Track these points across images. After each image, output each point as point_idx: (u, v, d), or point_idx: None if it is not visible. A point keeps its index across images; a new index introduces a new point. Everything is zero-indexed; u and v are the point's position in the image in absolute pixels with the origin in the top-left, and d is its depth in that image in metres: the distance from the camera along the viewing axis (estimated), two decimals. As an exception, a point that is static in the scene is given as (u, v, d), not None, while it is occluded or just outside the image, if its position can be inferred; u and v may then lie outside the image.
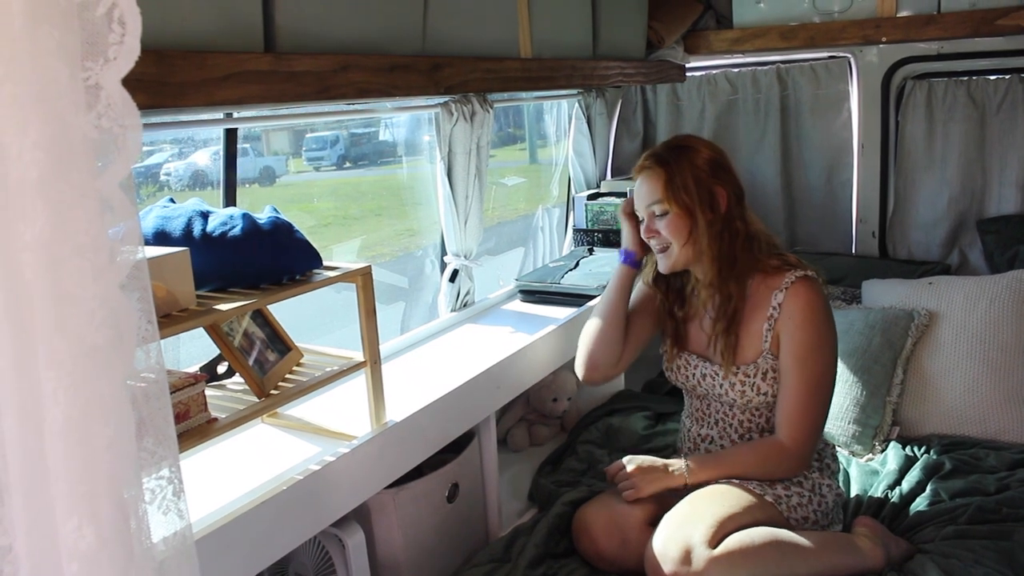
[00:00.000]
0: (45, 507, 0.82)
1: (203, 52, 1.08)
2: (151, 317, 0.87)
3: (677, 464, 1.85)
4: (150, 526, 0.89)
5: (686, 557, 1.58)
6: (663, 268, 1.90)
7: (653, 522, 1.76)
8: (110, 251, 0.82)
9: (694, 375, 1.94)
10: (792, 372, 1.81)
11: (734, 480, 1.79)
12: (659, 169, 1.84)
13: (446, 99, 2.22)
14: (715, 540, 1.60)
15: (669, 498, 1.79)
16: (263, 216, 1.53)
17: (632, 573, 1.76)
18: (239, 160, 2.12)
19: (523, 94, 2.78)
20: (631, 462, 1.87)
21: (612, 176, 3.34)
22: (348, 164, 3.59)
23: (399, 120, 3.12)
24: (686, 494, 1.78)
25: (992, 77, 2.94)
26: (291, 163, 3.34)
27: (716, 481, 1.80)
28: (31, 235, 0.79)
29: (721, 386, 1.88)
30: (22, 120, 0.78)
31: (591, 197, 3.07)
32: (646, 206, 1.87)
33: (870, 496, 2.07)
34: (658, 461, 1.87)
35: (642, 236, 1.90)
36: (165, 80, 1.02)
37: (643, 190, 1.87)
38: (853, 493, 2.10)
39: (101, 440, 0.81)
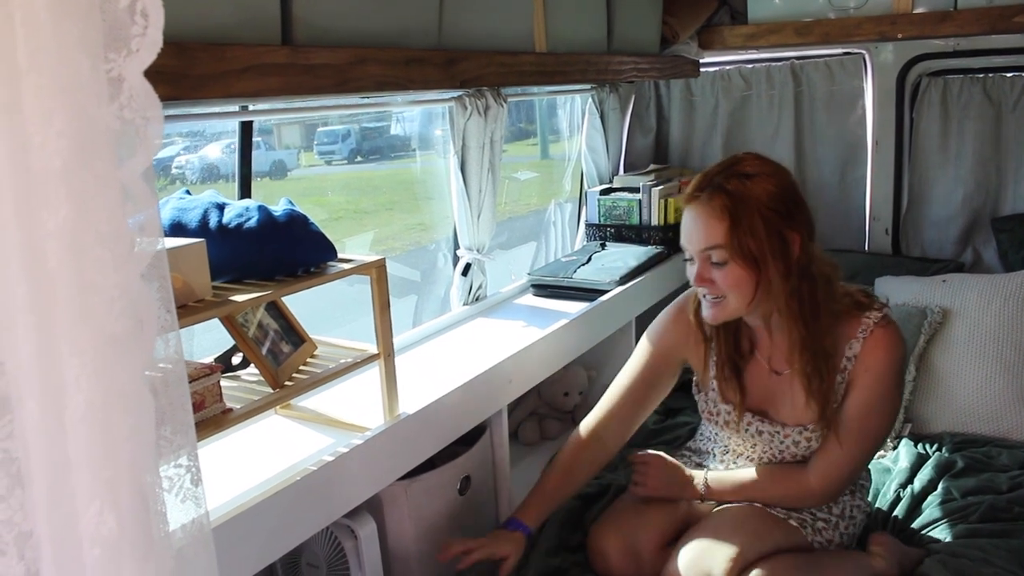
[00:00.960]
0: (66, 493, 0.83)
1: (222, 45, 1.09)
2: (170, 306, 0.88)
3: (697, 478, 1.81)
4: (169, 513, 0.90)
5: None
6: (711, 318, 1.67)
7: (668, 544, 1.75)
8: (131, 240, 0.83)
9: (747, 431, 1.78)
10: (850, 423, 1.67)
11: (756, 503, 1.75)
12: (720, 207, 1.57)
13: (460, 93, 2.22)
14: (735, 574, 1.58)
15: (686, 519, 1.79)
16: (278, 208, 1.54)
17: None
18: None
19: (537, 88, 2.78)
20: (654, 463, 1.83)
21: (625, 171, 3.34)
22: (359, 158, 3.61)
23: (411, 115, 3.13)
24: (696, 514, 1.78)
25: (1008, 75, 2.93)
26: (302, 157, 3.36)
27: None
28: (54, 223, 0.80)
29: (783, 442, 1.74)
30: (46, 111, 0.79)
31: (604, 192, 3.07)
32: (700, 249, 1.60)
33: (882, 496, 2.07)
34: (681, 469, 1.83)
35: (690, 279, 1.66)
36: (185, 72, 1.03)
37: (698, 229, 1.60)
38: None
39: (122, 428, 0.82)
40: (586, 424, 1.87)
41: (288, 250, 1.49)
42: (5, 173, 0.82)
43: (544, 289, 2.69)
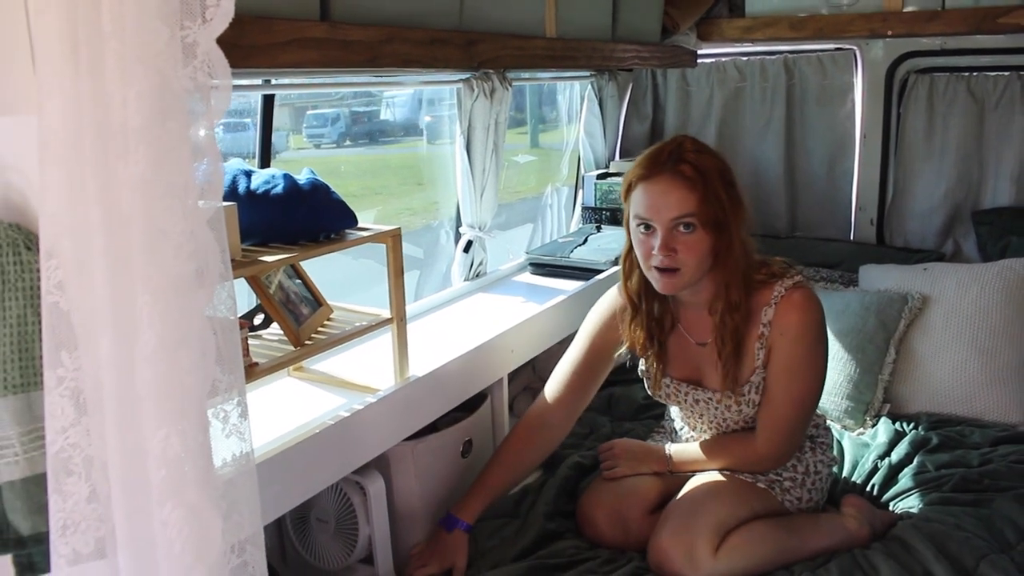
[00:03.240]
0: (134, 420, 0.92)
1: (269, 18, 1.18)
2: (226, 258, 0.96)
3: (660, 452, 1.95)
4: (221, 445, 0.98)
5: (689, 559, 1.68)
6: (665, 289, 1.72)
7: (654, 510, 1.87)
8: (198, 193, 0.92)
9: (685, 400, 1.91)
10: (779, 385, 1.78)
11: (727, 471, 1.87)
12: (691, 177, 1.63)
13: (468, 75, 2.31)
14: (716, 542, 1.70)
15: (669, 488, 1.90)
16: (302, 177, 1.63)
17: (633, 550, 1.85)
18: (240, 135, 2.21)
19: (542, 73, 2.87)
20: (618, 444, 1.99)
21: (620, 157, 3.44)
22: (348, 142, 3.64)
23: (401, 100, 3.20)
24: (678, 483, 1.89)
25: (992, 74, 3.03)
26: (291, 140, 3.40)
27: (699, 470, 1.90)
28: (128, 175, 0.89)
29: (716, 408, 1.86)
30: (127, 73, 0.87)
31: (600, 176, 3.16)
32: (672, 218, 1.64)
33: (860, 467, 2.18)
34: (643, 447, 1.98)
35: (645, 250, 1.70)
36: (236, 42, 1.10)
37: (668, 200, 1.64)
38: (845, 464, 2.21)
39: (187, 363, 0.91)
40: (531, 415, 1.96)
41: (312, 216, 1.57)
42: (86, 129, 0.90)
43: (542, 267, 2.78)
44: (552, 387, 1.97)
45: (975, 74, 3.05)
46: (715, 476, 1.86)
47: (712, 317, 1.79)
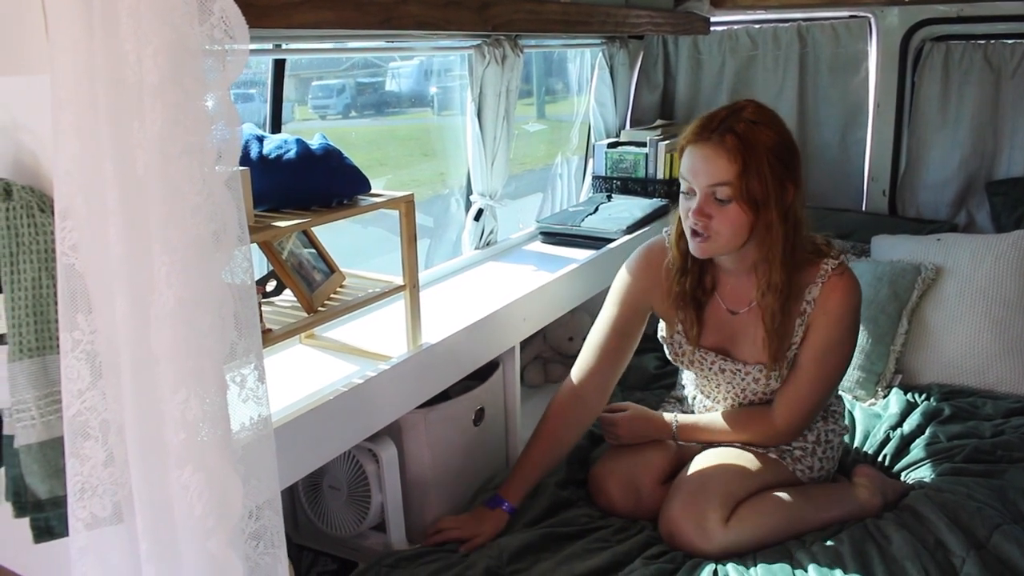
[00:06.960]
0: (150, 382, 0.91)
1: (284, -23, 1.16)
2: (243, 221, 0.95)
3: (667, 420, 1.92)
4: (238, 409, 0.98)
5: (701, 530, 1.68)
6: (699, 253, 1.72)
7: (666, 480, 1.86)
8: (215, 153, 0.90)
9: (711, 369, 1.88)
10: (808, 363, 1.78)
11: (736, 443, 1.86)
12: (733, 148, 1.61)
13: (479, 41, 2.28)
14: (727, 512, 1.70)
15: (682, 456, 1.89)
16: (315, 142, 1.61)
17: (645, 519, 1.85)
18: (245, 106, 2.18)
19: (553, 40, 2.84)
20: (620, 420, 1.94)
21: (631, 126, 3.41)
22: (354, 113, 3.63)
23: (406, 71, 3.18)
24: (690, 452, 1.88)
25: (1009, 41, 2.98)
26: (297, 111, 3.38)
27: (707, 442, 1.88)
28: (143, 134, 0.87)
29: (744, 379, 1.84)
30: (143, 29, 0.85)
31: (611, 145, 3.14)
32: (706, 184, 1.64)
33: (872, 437, 2.17)
34: (649, 415, 1.95)
35: (684, 211, 1.71)
36: (251, 1, 1.08)
37: (707, 166, 1.64)
38: (857, 434, 2.20)
39: (205, 324, 0.90)
40: (566, 387, 1.93)
41: (325, 181, 1.56)
42: (100, 87, 0.89)
43: (552, 236, 2.77)
44: (586, 358, 1.92)
45: (992, 42, 3.00)
46: (726, 447, 1.86)
47: (756, 294, 1.78)
